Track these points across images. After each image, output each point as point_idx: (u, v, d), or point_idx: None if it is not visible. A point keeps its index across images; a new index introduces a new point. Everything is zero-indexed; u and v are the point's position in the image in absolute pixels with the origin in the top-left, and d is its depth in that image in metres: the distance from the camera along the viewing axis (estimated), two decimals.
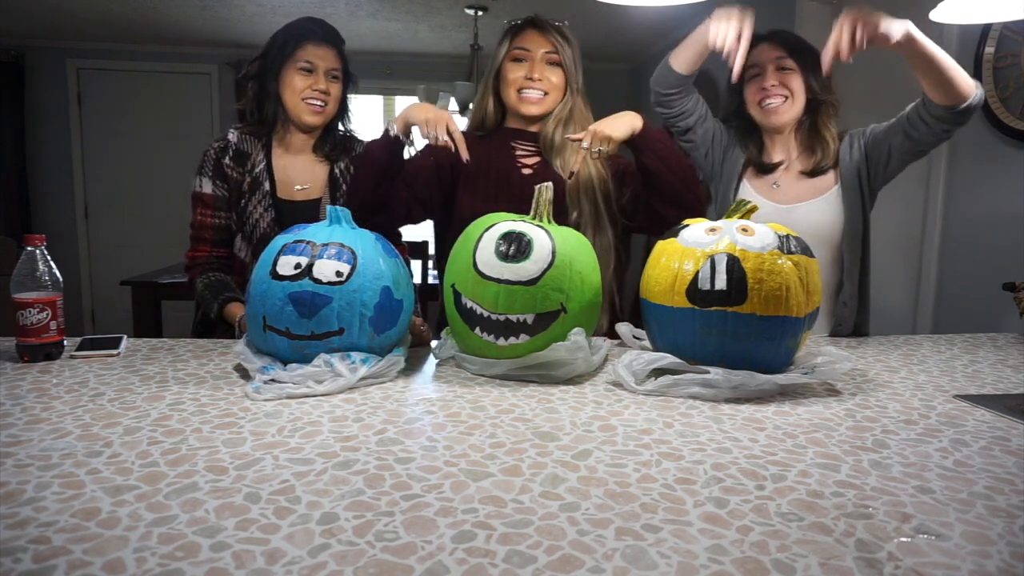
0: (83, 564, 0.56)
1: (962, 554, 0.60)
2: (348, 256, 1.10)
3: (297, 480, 0.73)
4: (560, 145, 1.55)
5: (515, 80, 1.54)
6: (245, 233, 1.59)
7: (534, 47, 1.54)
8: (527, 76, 1.53)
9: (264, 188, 1.58)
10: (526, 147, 1.59)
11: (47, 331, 1.20)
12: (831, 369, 1.10)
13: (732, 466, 0.79)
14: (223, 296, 1.52)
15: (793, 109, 1.60)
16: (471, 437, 0.87)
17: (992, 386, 1.16)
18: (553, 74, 1.54)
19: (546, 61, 1.54)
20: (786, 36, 1.64)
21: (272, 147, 1.62)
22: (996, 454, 0.84)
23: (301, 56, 1.54)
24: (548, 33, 1.54)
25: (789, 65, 1.59)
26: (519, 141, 1.60)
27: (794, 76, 1.59)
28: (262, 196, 1.58)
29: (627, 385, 1.08)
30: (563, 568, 0.57)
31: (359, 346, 1.11)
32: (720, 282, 1.06)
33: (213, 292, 1.54)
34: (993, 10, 1.34)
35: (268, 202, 1.58)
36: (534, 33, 1.55)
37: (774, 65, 1.59)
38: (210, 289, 1.55)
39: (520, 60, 1.55)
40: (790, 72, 1.59)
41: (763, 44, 1.62)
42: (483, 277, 1.12)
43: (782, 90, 1.59)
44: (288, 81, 1.55)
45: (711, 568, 0.57)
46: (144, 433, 0.86)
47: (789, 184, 1.65)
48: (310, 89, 1.55)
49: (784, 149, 1.67)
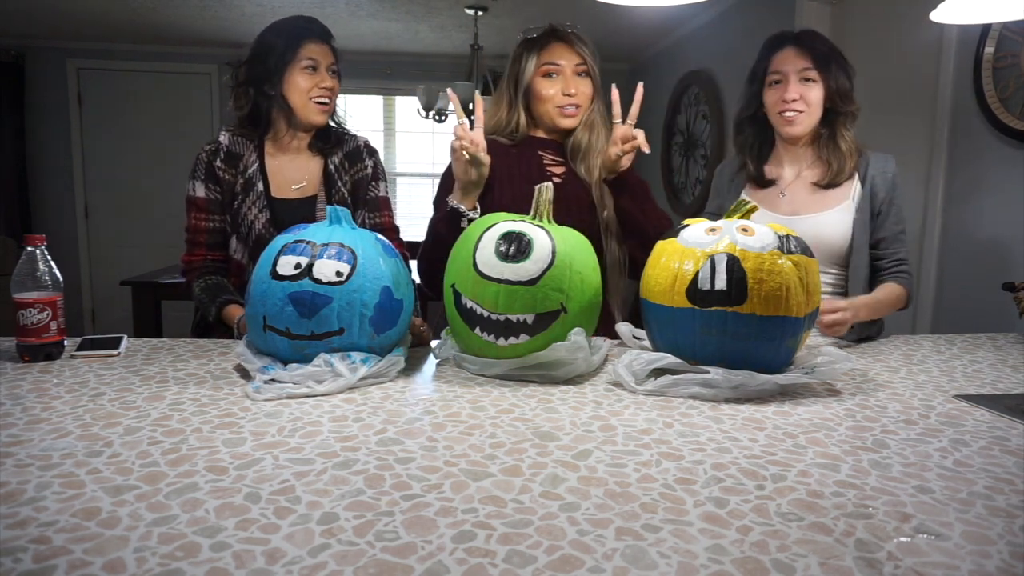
0: (83, 564, 0.56)
1: (962, 554, 0.60)
2: (348, 256, 1.10)
3: (297, 480, 0.73)
4: (586, 149, 1.58)
5: (551, 96, 1.54)
6: (240, 235, 1.58)
7: (565, 61, 1.53)
8: (564, 92, 1.53)
9: (258, 189, 1.57)
10: (552, 156, 1.61)
11: (47, 331, 1.20)
12: (831, 369, 1.10)
13: (732, 466, 0.79)
14: (220, 299, 1.52)
15: (809, 120, 1.58)
16: (471, 437, 0.87)
17: (992, 386, 1.16)
18: (584, 85, 1.56)
19: (576, 73, 1.54)
20: (814, 43, 1.59)
21: (264, 147, 1.61)
22: (996, 454, 0.84)
23: (304, 55, 1.54)
24: (575, 44, 1.55)
25: (812, 76, 1.56)
26: (546, 150, 1.61)
27: (815, 88, 1.56)
28: (256, 197, 1.57)
29: (627, 385, 1.08)
30: (563, 568, 0.57)
31: (359, 346, 1.11)
32: (720, 282, 1.06)
33: (211, 295, 1.53)
34: (993, 10, 1.34)
35: (262, 203, 1.57)
36: (561, 46, 1.55)
37: (797, 76, 1.56)
38: (207, 292, 1.54)
39: (551, 75, 1.54)
40: (812, 84, 1.56)
41: (789, 48, 1.58)
42: (483, 277, 1.12)
43: (802, 104, 1.56)
44: (293, 82, 1.54)
45: (711, 568, 0.57)
46: (144, 433, 0.86)
47: (797, 194, 1.62)
48: (317, 88, 1.55)
49: (796, 159, 1.65)
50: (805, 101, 1.56)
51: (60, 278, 1.23)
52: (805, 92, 1.56)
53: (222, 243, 1.60)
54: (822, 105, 1.57)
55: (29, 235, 1.20)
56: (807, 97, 1.56)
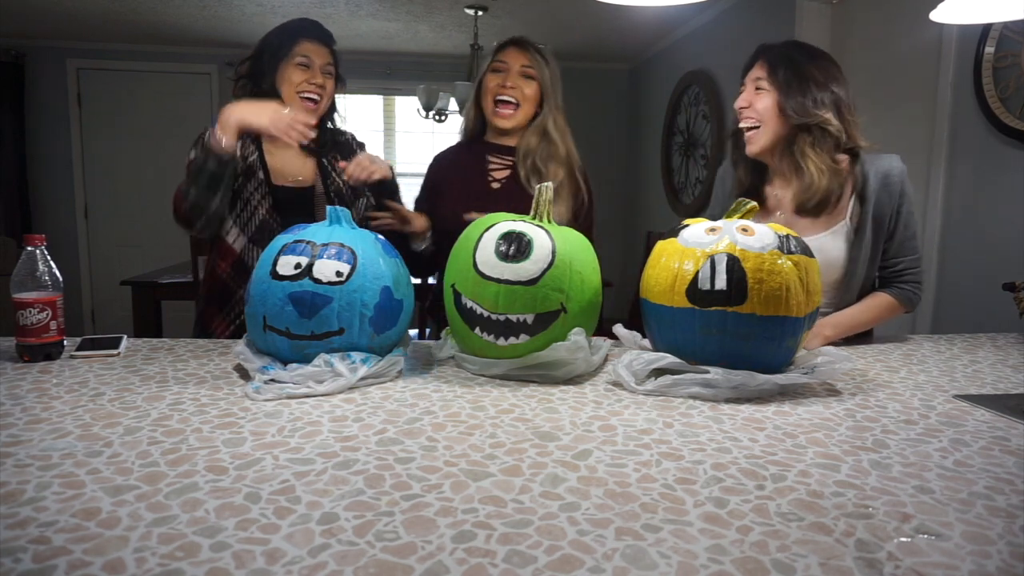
0: (83, 564, 0.56)
1: (962, 554, 0.60)
2: (348, 256, 1.10)
3: (297, 480, 0.73)
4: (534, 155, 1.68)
5: (492, 89, 1.69)
6: (242, 220, 1.60)
7: (512, 60, 1.69)
8: (501, 84, 1.68)
9: (259, 177, 1.61)
10: (500, 161, 1.73)
11: (47, 331, 1.20)
12: (831, 369, 1.10)
13: (732, 466, 0.79)
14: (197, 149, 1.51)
15: (763, 137, 1.45)
16: (471, 437, 0.87)
17: (992, 386, 1.16)
18: (527, 87, 1.69)
19: (522, 74, 1.68)
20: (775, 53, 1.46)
21: (263, 140, 1.65)
22: (996, 454, 0.84)
23: (298, 51, 1.59)
24: (527, 50, 1.70)
25: (763, 85, 1.44)
26: (494, 155, 1.73)
27: (764, 96, 1.43)
28: (257, 184, 1.61)
29: (627, 385, 1.08)
30: (563, 568, 0.57)
31: (359, 346, 1.11)
32: (720, 282, 1.06)
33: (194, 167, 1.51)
34: (993, 10, 1.34)
35: (264, 190, 1.61)
36: (514, 49, 1.71)
37: (753, 85, 1.46)
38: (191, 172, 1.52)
39: (498, 71, 1.69)
40: (762, 92, 1.44)
41: (759, 59, 1.47)
42: (483, 277, 1.12)
43: (752, 112, 1.45)
44: (286, 76, 1.59)
45: (711, 568, 0.57)
46: (144, 433, 0.86)
47: (789, 218, 1.49)
48: (306, 83, 1.59)
49: (776, 176, 1.52)
50: (754, 110, 1.45)
51: (60, 278, 1.23)
52: (754, 100, 1.45)
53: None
54: (776, 116, 1.43)
55: (29, 235, 1.20)
56: (755, 105, 1.45)
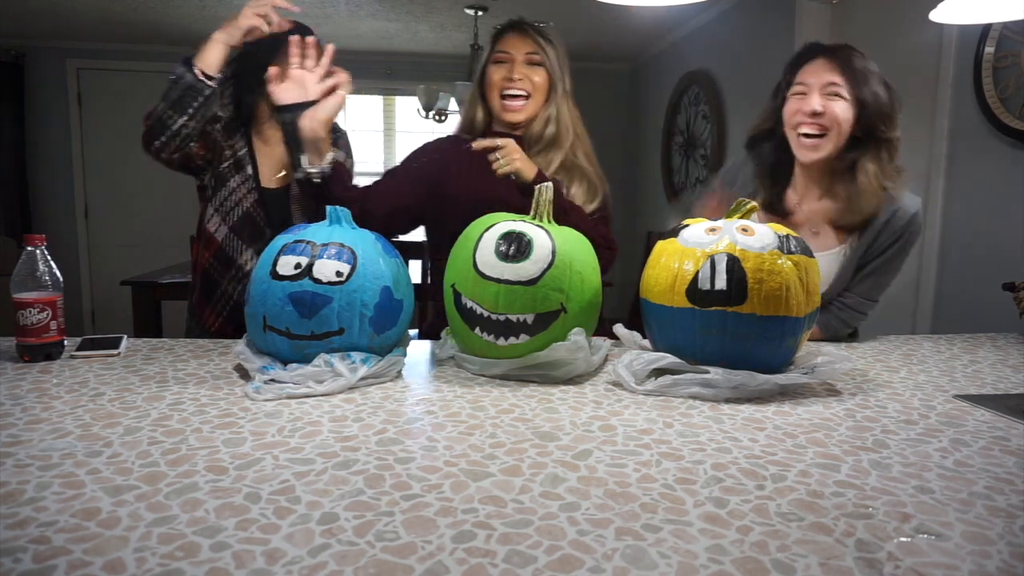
0: (83, 564, 0.56)
1: (962, 554, 0.60)
2: (348, 256, 1.10)
3: (297, 480, 0.73)
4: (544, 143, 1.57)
5: (497, 82, 1.55)
6: (224, 208, 1.62)
7: (515, 49, 1.55)
8: (507, 77, 1.54)
9: (247, 171, 1.63)
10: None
11: (47, 331, 1.20)
12: (831, 369, 1.10)
13: (732, 466, 0.79)
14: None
15: (828, 145, 1.38)
16: (471, 437, 0.87)
17: (992, 386, 1.16)
18: (535, 74, 1.55)
19: (527, 62, 1.55)
20: (847, 56, 1.38)
21: (252, 137, 1.67)
22: (996, 454, 0.84)
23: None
24: (529, 34, 1.56)
25: (841, 92, 1.35)
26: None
27: (841, 104, 1.36)
28: (244, 179, 1.63)
29: (627, 385, 1.08)
30: (563, 568, 0.57)
31: (359, 346, 1.11)
32: (720, 282, 1.06)
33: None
34: (993, 10, 1.34)
35: (251, 184, 1.63)
36: (515, 36, 1.56)
37: (822, 89, 1.36)
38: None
39: (502, 63, 1.56)
40: (837, 100, 1.36)
41: (819, 60, 1.39)
42: (483, 277, 1.12)
43: (828, 120, 1.37)
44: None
45: (711, 568, 0.57)
46: (144, 433, 0.86)
47: (800, 228, 1.44)
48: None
49: (808, 186, 1.46)
50: (828, 117, 1.36)
51: (60, 278, 1.23)
52: (829, 107, 1.36)
53: (196, 139, 1.57)
54: (850, 126, 1.37)
55: (29, 235, 1.20)
56: (832, 113, 1.36)
